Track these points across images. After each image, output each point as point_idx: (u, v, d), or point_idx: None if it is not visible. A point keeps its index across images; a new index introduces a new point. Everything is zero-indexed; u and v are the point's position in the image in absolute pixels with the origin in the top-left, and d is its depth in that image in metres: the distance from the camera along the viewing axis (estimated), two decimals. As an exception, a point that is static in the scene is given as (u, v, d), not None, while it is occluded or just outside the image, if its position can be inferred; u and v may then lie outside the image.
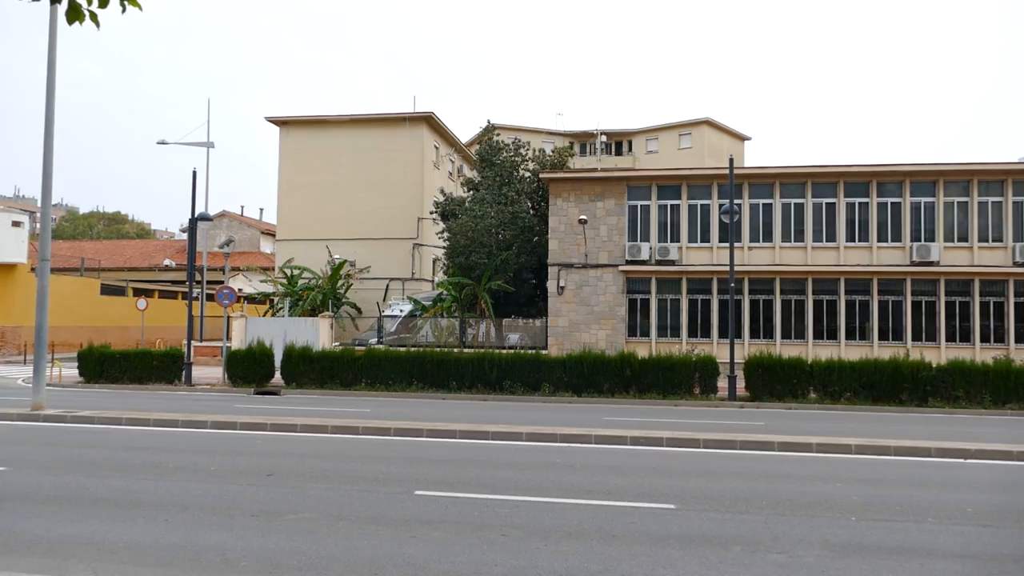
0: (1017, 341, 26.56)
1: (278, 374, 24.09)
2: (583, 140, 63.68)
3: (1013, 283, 26.82)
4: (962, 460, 11.69)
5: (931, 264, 27.03)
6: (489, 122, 36.19)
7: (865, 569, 6.32)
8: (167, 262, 53.56)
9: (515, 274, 31.70)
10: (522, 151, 34.43)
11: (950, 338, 27.03)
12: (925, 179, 27.63)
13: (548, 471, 10.42)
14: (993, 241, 27.21)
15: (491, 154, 33.82)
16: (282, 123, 40.13)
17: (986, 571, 6.33)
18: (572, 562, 6.39)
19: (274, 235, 44.95)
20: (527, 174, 33.88)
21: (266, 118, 40.25)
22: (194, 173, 28.01)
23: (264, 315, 37.42)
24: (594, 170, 35.08)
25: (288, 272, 36.34)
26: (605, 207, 29.11)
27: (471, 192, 34.28)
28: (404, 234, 38.48)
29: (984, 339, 26.84)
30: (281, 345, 24.77)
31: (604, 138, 62.72)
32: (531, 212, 33.03)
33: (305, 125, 40.05)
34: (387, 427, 13.83)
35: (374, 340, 30.54)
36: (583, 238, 28.78)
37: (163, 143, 40.62)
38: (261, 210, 61.24)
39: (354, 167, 38.91)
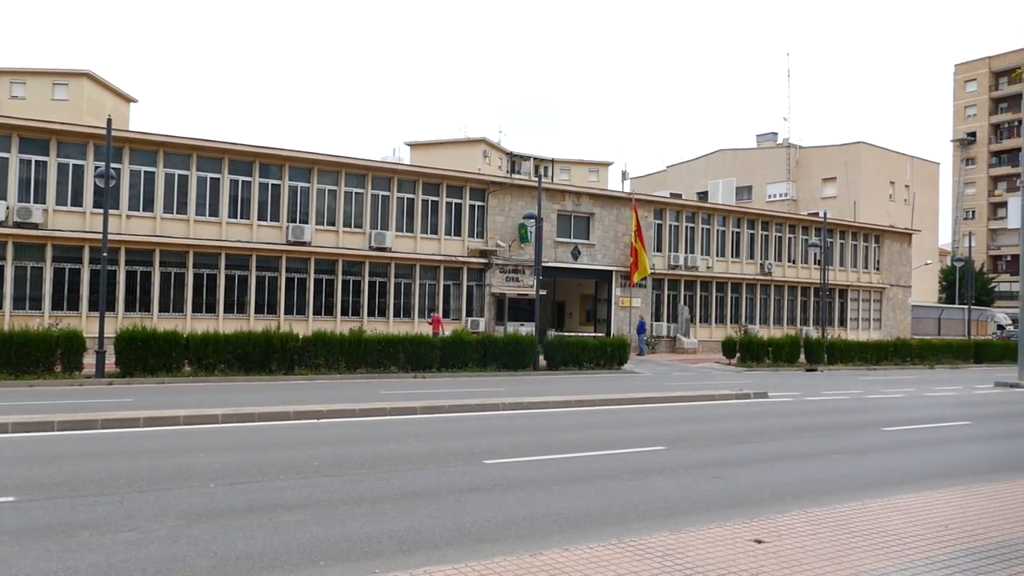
0: (370, 314, 30.76)
1: None
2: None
3: (369, 264, 30.94)
4: (316, 420, 13.07)
5: (304, 244, 29.45)
6: None
7: (218, 532, 6.60)
8: None
9: None
10: None
11: (317, 312, 29.90)
12: (302, 166, 29.94)
13: None
14: (355, 227, 30.94)
15: None
16: None
17: (323, 515, 7.20)
18: None
19: None
20: None
21: None
22: None
23: None
24: (-67, 107, 28.77)
25: None
26: (-54, 154, 24.25)
27: None
28: None
29: (344, 312, 30.40)
30: None
31: (-49, 71, 51.95)
32: None
33: None
34: None
35: None
36: (-87, 188, 23.47)
37: None
38: None
39: None
